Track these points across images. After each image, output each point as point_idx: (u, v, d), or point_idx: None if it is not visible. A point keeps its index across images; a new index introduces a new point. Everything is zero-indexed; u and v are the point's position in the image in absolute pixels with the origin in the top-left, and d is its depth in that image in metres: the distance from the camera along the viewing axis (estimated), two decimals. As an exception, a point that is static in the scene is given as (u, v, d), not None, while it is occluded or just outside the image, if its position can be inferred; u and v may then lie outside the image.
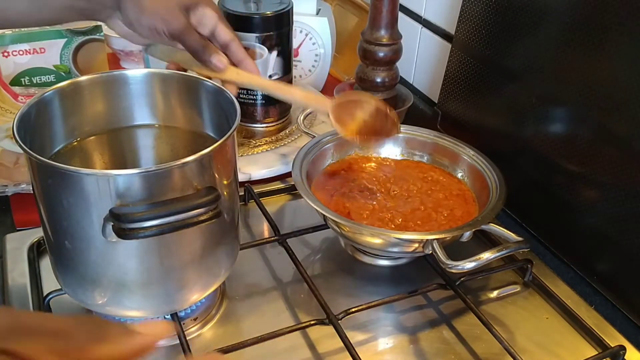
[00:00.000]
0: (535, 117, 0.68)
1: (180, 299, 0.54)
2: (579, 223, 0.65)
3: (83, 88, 0.57)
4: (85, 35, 0.93)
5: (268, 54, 0.79)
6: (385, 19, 0.82)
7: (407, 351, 0.57)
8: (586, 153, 0.62)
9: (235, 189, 0.55)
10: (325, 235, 0.70)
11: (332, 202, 0.66)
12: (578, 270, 0.66)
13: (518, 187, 0.69)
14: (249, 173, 0.78)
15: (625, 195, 0.59)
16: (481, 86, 0.76)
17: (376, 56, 0.84)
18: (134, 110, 0.60)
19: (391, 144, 0.75)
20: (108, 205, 0.44)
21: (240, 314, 0.60)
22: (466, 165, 0.71)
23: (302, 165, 0.67)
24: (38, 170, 0.47)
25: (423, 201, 0.67)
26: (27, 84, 0.93)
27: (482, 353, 0.57)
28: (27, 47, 0.91)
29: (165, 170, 0.46)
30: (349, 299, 0.62)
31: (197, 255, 0.52)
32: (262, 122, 0.85)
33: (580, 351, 0.58)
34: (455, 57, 0.80)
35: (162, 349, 0.56)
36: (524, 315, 0.62)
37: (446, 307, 0.62)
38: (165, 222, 0.44)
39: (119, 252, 0.48)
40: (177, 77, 0.59)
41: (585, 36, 0.61)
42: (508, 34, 0.70)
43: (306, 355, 0.56)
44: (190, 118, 0.60)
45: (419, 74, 0.97)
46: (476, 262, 0.55)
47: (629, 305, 0.61)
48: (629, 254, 0.59)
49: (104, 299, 0.51)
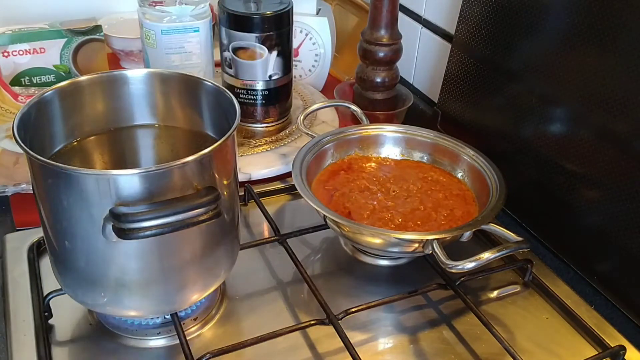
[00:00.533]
0: (535, 117, 0.68)
1: (180, 299, 0.54)
2: (579, 223, 0.65)
3: (83, 88, 0.57)
4: (85, 35, 0.93)
5: (268, 54, 0.79)
6: (385, 19, 0.82)
7: (407, 351, 0.57)
8: (586, 153, 0.62)
9: (235, 189, 0.55)
10: (325, 235, 0.70)
11: (332, 202, 0.66)
12: (578, 270, 0.66)
13: (518, 187, 0.69)
14: (249, 173, 0.78)
15: (625, 195, 0.59)
16: (481, 86, 0.76)
17: (376, 56, 0.84)
18: (134, 110, 0.60)
19: (391, 144, 0.75)
20: (108, 205, 0.44)
21: (240, 314, 0.60)
22: (466, 165, 0.71)
23: (302, 165, 0.67)
24: (38, 170, 0.47)
25: (423, 201, 0.67)
26: (27, 84, 0.93)
27: (482, 353, 0.57)
28: (27, 47, 0.91)
29: (165, 170, 0.46)
30: (349, 299, 0.62)
31: (197, 255, 0.52)
32: (262, 122, 0.85)
33: (580, 351, 0.58)
34: (455, 57, 0.80)
35: (162, 349, 0.56)
36: (524, 315, 0.62)
37: (446, 307, 0.62)
38: (165, 222, 0.44)
39: (119, 252, 0.48)
40: (177, 77, 0.59)
41: (585, 36, 0.61)
42: (508, 34, 0.70)
43: (306, 355, 0.56)
44: (190, 118, 0.60)
45: (419, 74, 0.97)
46: (476, 262, 0.55)
47: (629, 305, 0.61)
48: (629, 254, 0.59)
49: (104, 299, 0.51)
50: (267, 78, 0.81)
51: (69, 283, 0.53)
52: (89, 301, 0.53)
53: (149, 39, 0.82)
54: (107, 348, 0.56)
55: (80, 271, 0.50)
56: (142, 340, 0.56)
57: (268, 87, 0.82)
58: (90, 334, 0.57)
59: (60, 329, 0.57)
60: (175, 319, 0.55)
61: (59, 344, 0.56)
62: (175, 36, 0.82)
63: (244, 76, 0.81)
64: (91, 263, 0.49)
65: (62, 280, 0.54)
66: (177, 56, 0.83)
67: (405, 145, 0.75)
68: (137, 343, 0.56)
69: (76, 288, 0.52)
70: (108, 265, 0.49)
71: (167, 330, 0.57)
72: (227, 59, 0.82)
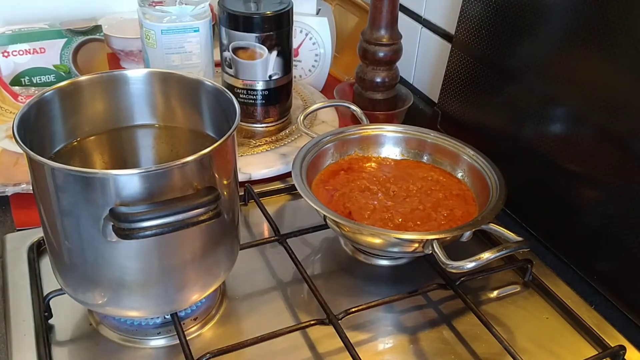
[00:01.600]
0: (535, 117, 0.68)
1: (180, 299, 0.54)
2: (579, 223, 0.65)
3: (83, 88, 0.57)
4: (85, 35, 0.93)
5: (268, 54, 0.79)
6: (385, 19, 0.82)
7: (407, 351, 0.57)
8: (586, 153, 0.62)
9: (235, 189, 0.55)
10: (325, 235, 0.70)
11: (333, 202, 0.66)
12: (578, 270, 0.66)
13: (518, 187, 0.69)
14: (249, 173, 0.78)
15: (625, 195, 0.59)
16: (481, 86, 0.76)
17: (376, 56, 0.84)
18: (134, 110, 0.60)
19: (391, 144, 0.75)
20: (108, 205, 0.44)
21: (240, 314, 0.60)
22: (466, 165, 0.71)
23: (302, 165, 0.67)
24: (38, 170, 0.47)
25: (423, 201, 0.67)
26: (27, 84, 0.93)
27: (482, 353, 0.57)
28: (27, 47, 0.91)
29: (165, 170, 0.46)
30: (349, 299, 0.62)
31: (197, 255, 0.52)
32: (262, 122, 0.85)
33: (580, 351, 0.58)
34: (455, 57, 0.80)
35: (162, 349, 0.56)
36: (524, 315, 0.62)
37: (446, 307, 0.62)
38: (165, 222, 0.44)
39: (119, 252, 0.48)
40: (177, 77, 0.59)
41: (585, 36, 0.61)
42: (508, 34, 0.70)
43: (306, 355, 0.56)
44: (190, 118, 0.60)
45: (419, 74, 0.97)
46: (476, 262, 0.55)
47: (629, 305, 0.61)
48: (629, 254, 0.59)
49: (104, 298, 0.51)
50: (267, 78, 0.82)
51: (69, 283, 0.53)
52: (89, 301, 0.53)
53: (149, 39, 0.82)
54: (107, 348, 0.56)
55: (80, 271, 0.50)
56: (142, 340, 0.56)
57: (268, 87, 0.82)
58: (90, 334, 0.57)
59: (60, 329, 0.57)
60: (175, 319, 0.55)
61: (59, 344, 0.56)
62: (175, 36, 0.82)
63: (244, 76, 0.82)
64: (91, 263, 0.49)
65: (62, 280, 0.54)
66: (177, 56, 0.83)
67: (405, 145, 0.75)
68: (137, 343, 0.56)
69: (76, 288, 0.52)
70: (108, 265, 0.49)
71: (167, 330, 0.57)
72: (227, 59, 0.82)
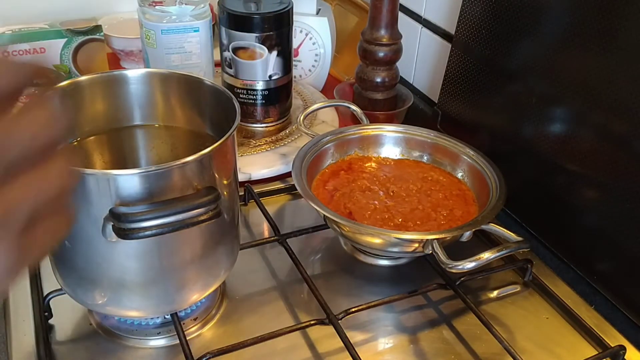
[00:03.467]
0: (535, 117, 0.68)
1: (180, 299, 0.54)
2: (579, 223, 0.65)
3: (83, 88, 0.57)
4: (85, 35, 0.93)
5: (268, 54, 0.79)
6: (385, 19, 0.82)
7: (407, 351, 0.57)
8: (586, 153, 0.62)
9: (235, 189, 0.55)
10: (325, 235, 0.70)
11: (333, 202, 0.66)
12: (578, 270, 0.66)
13: (518, 187, 0.69)
14: (249, 173, 0.78)
15: (626, 195, 0.59)
16: (481, 86, 0.76)
17: (376, 56, 0.84)
18: (134, 110, 0.60)
19: (391, 144, 0.75)
20: (108, 205, 0.44)
21: (240, 314, 0.60)
22: (466, 165, 0.71)
23: (302, 165, 0.67)
24: (38, 170, 0.47)
25: (423, 201, 0.67)
26: (27, 84, 0.93)
27: (482, 353, 0.57)
28: (27, 47, 0.91)
29: (165, 170, 0.46)
30: (349, 299, 0.62)
31: (197, 255, 0.52)
32: (262, 122, 0.85)
33: (580, 351, 0.58)
34: (455, 57, 0.80)
35: (162, 349, 0.56)
36: (524, 315, 0.62)
37: (446, 307, 0.62)
38: (165, 222, 0.44)
39: (119, 252, 0.48)
40: (177, 77, 0.59)
41: (585, 36, 0.61)
42: (508, 34, 0.70)
43: (306, 355, 0.56)
44: (190, 118, 0.60)
45: (419, 74, 0.97)
46: (476, 262, 0.55)
47: (629, 305, 0.61)
48: (629, 254, 0.59)
49: (104, 298, 0.51)
50: (267, 78, 0.81)
51: (69, 283, 0.53)
52: (89, 301, 0.53)
53: (149, 39, 0.82)
54: (107, 348, 0.56)
55: (80, 271, 0.50)
56: (142, 340, 0.56)
57: (268, 87, 0.82)
58: (90, 334, 0.57)
59: (60, 329, 0.57)
60: (175, 319, 0.55)
61: (59, 344, 0.56)
62: (175, 36, 0.82)
63: (244, 76, 0.81)
64: (91, 263, 0.49)
65: (62, 280, 0.54)
66: (177, 56, 0.83)
67: (405, 145, 0.75)
68: (137, 343, 0.56)
69: (76, 288, 0.52)
70: (108, 265, 0.49)
71: (167, 330, 0.57)
72: (227, 59, 0.82)
